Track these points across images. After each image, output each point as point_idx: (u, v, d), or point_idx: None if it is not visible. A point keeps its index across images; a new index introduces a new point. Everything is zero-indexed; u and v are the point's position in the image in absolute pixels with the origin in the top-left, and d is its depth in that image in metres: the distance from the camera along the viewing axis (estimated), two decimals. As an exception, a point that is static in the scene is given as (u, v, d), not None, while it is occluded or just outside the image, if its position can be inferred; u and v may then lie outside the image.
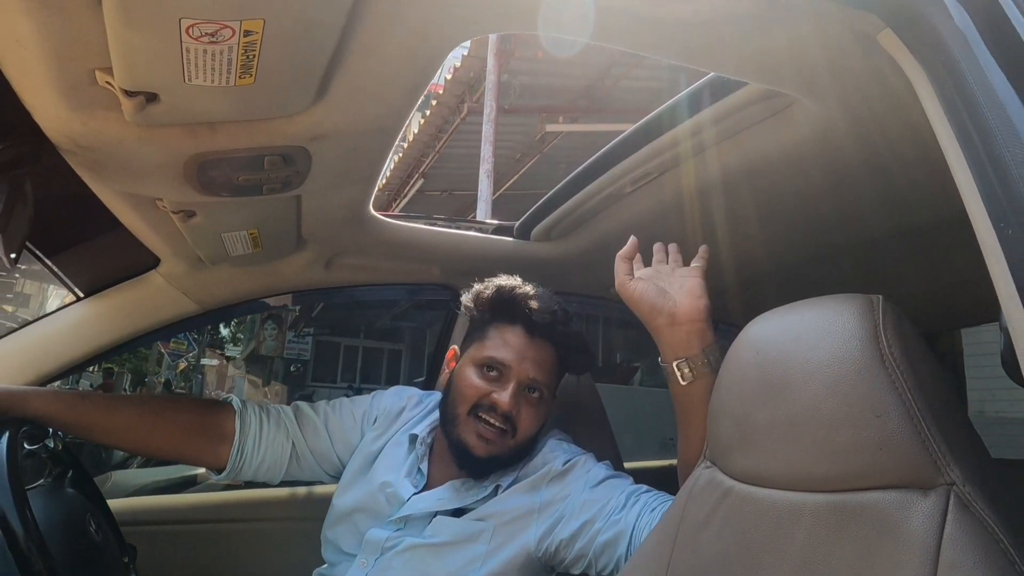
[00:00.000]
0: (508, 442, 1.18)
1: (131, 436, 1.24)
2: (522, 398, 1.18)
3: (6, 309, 7.17)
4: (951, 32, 0.52)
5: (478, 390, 1.18)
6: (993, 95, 0.47)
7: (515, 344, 1.19)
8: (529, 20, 0.67)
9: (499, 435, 1.17)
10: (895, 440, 0.60)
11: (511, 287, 1.23)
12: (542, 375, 1.19)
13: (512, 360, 1.18)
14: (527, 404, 1.18)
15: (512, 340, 1.20)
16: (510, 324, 1.21)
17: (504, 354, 1.18)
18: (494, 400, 1.16)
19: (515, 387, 1.17)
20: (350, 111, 0.86)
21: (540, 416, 1.21)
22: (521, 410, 1.18)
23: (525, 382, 1.18)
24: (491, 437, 1.16)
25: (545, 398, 1.21)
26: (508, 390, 1.16)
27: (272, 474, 1.30)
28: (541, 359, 1.20)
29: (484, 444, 1.16)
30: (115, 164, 0.92)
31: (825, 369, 0.66)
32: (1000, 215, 0.45)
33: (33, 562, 0.93)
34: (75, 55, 0.66)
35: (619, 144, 1.25)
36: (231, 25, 0.58)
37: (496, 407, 1.16)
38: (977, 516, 0.56)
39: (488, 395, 1.17)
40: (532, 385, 1.19)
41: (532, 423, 1.19)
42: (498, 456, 1.18)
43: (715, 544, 0.77)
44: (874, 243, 1.35)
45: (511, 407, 1.16)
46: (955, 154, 0.49)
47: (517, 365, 1.18)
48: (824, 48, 0.68)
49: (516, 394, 1.17)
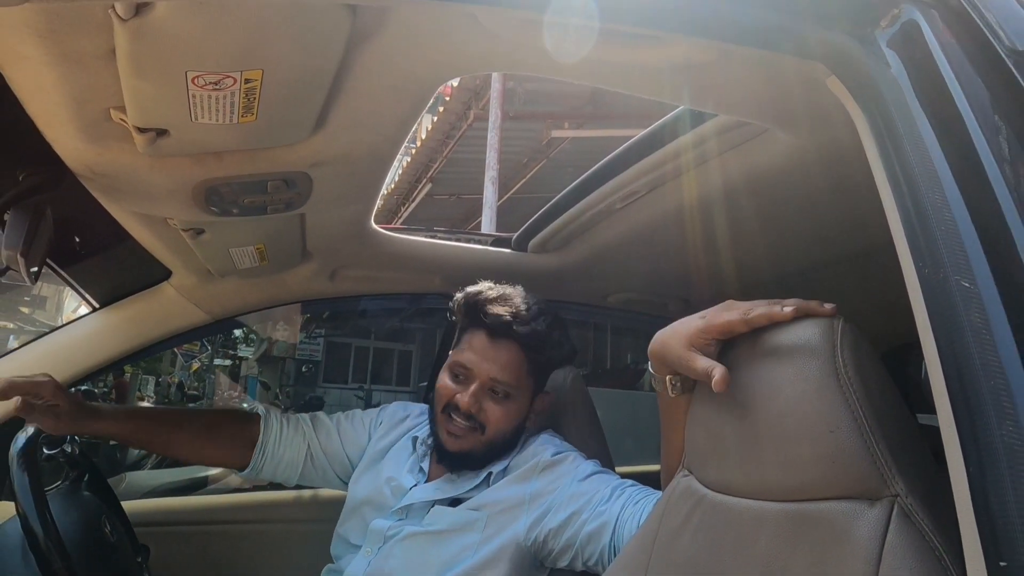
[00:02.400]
0: (479, 438, 1.25)
1: (183, 450, 1.42)
2: (486, 397, 1.25)
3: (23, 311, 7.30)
4: (888, 81, 0.56)
5: (447, 391, 1.27)
6: (920, 143, 0.52)
7: (478, 347, 1.27)
8: (507, 63, 0.72)
9: (467, 431, 1.25)
10: (846, 454, 0.65)
11: (475, 293, 1.30)
12: (505, 375, 1.25)
13: (473, 363, 1.26)
14: (492, 402, 1.26)
15: (476, 344, 1.27)
16: (475, 329, 1.29)
17: (466, 358, 1.26)
18: (456, 400, 1.25)
19: (477, 388, 1.25)
20: (347, 140, 0.92)
21: (511, 412, 1.27)
22: (485, 408, 1.25)
23: (487, 383, 1.25)
24: (459, 433, 1.25)
25: (514, 396, 1.27)
26: (469, 391, 1.24)
27: (289, 473, 1.42)
28: (505, 360, 1.26)
29: (453, 439, 1.26)
30: (128, 189, 0.98)
31: (787, 387, 0.71)
32: (919, 255, 0.49)
33: (52, 561, 0.99)
34: (92, 97, 0.72)
35: (611, 161, 1.30)
36: (232, 75, 0.64)
37: (459, 407, 1.25)
38: (917, 526, 0.60)
39: (454, 396, 1.26)
40: (494, 386, 1.25)
41: (501, 419, 1.26)
42: (469, 451, 1.26)
43: (689, 549, 0.82)
44: (866, 254, 1.38)
45: (469, 406, 1.24)
46: (886, 195, 0.54)
47: (478, 367, 1.25)
48: (785, 87, 0.73)
49: (478, 394, 1.24)
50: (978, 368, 0.44)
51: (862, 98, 0.58)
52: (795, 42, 0.60)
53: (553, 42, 0.66)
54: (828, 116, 0.76)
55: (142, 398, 7.84)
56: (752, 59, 0.67)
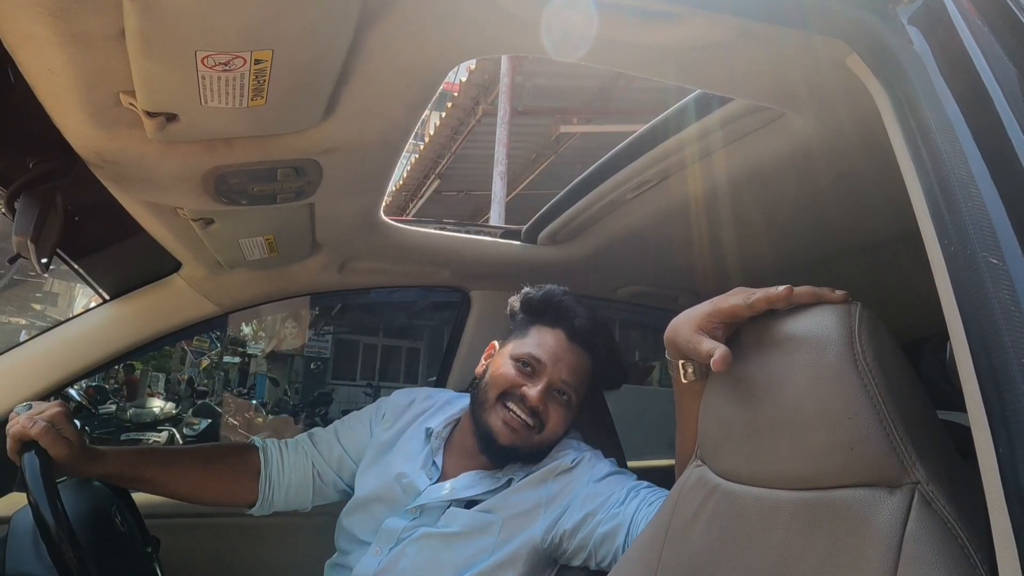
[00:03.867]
0: (533, 437, 1.23)
1: (184, 486, 1.34)
2: (551, 397, 1.23)
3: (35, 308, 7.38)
4: (910, 58, 0.55)
5: (510, 380, 1.23)
6: (945, 120, 0.50)
7: (553, 346, 1.25)
8: (520, 44, 0.72)
9: (524, 427, 1.22)
10: (865, 441, 0.64)
11: (561, 292, 1.30)
12: (574, 379, 1.24)
13: (548, 359, 1.23)
14: (556, 404, 1.23)
15: (551, 342, 1.25)
16: (552, 327, 1.27)
17: (541, 352, 1.24)
18: (524, 392, 1.22)
19: (546, 384, 1.22)
20: (357, 127, 0.91)
21: (567, 419, 1.26)
22: (549, 408, 1.23)
23: (556, 383, 1.23)
24: (515, 426, 1.22)
25: (573, 403, 1.26)
26: (539, 385, 1.21)
27: (301, 498, 1.39)
28: (576, 365, 1.25)
29: (508, 432, 1.22)
30: (138, 176, 0.98)
31: (803, 373, 0.70)
32: (944, 233, 0.48)
33: (63, 551, 0.99)
34: (101, 81, 0.71)
35: (621, 151, 1.29)
36: (242, 55, 0.63)
37: (525, 399, 1.21)
38: (939, 514, 0.59)
39: (519, 387, 1.23)
40: (563, 387, 1.24)
41: (559, 424, 1.24)
42: (519, 448, 1.23)
43: (703, 539, 0.81)
44: (877, 246, 1.36)
45: (539, 402, 1.21)
46: (909, 173, 0.53)
47: (552, 364, 1.23)
48: (803, 68, 0.72)
49: (546, 391, 1.22)
50: (1008, 347, 0.43)
51: (884, 76, 0.57)
52: (816, 18, 0.59)
53: (569, 22, 0.65)
54: (848, 97, 0.74)
55: (152, 394, 7.90)
56: (771, 37, 0.65)
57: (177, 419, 6.47)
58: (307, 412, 8.40)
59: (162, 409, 6.50)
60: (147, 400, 6.91)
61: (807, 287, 0.72)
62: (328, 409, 8.42)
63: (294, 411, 9.09)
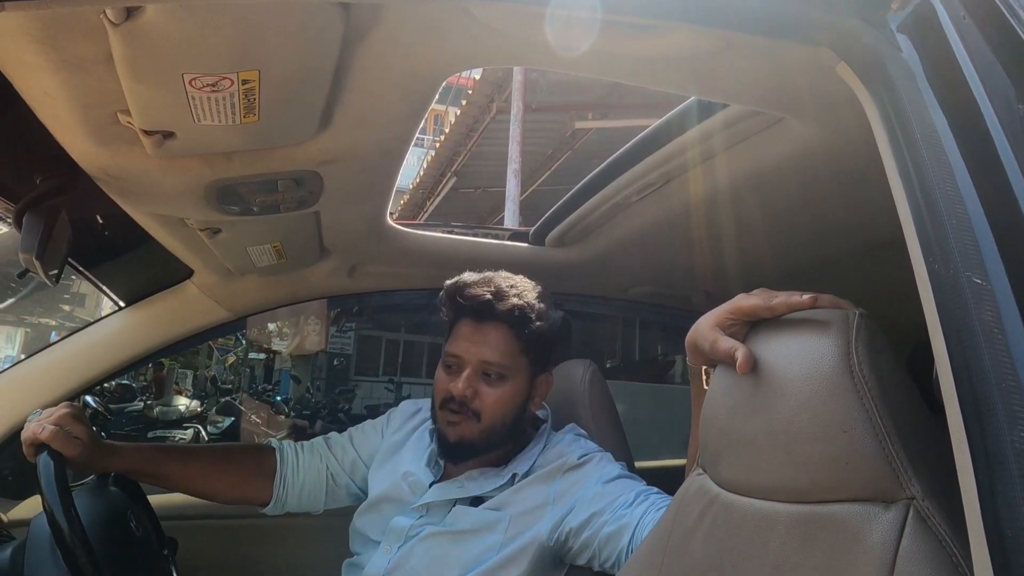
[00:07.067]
0: (475, 425, 1.23)
1: (201, 482, 1.37)
2: (480, 381, 1.23)
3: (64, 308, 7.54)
4: (898, 66, 0.53)
5: (441, 385, 1.25)
6: (932, 131, 0.49)
7: (465, 334, 1.24)
8: (509, 56, 0.71)
9: (462, 420, 1.22)
10: (860, 455, 0.62)
11: (452, 283, 1.28)
12: (496, 355, 1.22)
13: (461, 350, 1.23)
14: (487, 386, 1.22)
15: (463, 331, 1.25)
16: (459, 317, 1.27)
17: (456, 347, 1.24)
18: (450, 390, 1.23)
19: (469, 374, 1.22)
20: (354, 138, 0.92)
21: (507, 395, 1.23)
22: (480, 393, 1.22)
23: (479, 367, 1.22)
24: (454, 421, 1.23)
25: (509, 377, 1.23)
26: (460, 379, 1.22)
27: (314, 499, 1.41)
28: (492, 340, 1.23)
29: (451, 428, 1.23)
30: (142, 190, 1.00)
31: (800, 385, 0.68)
32: (929, 249, 0.47)
33: (77, 556, 1.01)
34: (97, 102, 0.73)
35: (625, 154, 1.28)
36: (229, 76, 0.64)
37: (453, 396, 1.22)
38: (934, 530, 0.58)
39: (448, 388, 1.23)
40: (486, 368, 1.23)
41: (495, 403, 1.22)
42: (469, 440, 1.23)
43: (702, 550, 0.80)
44: (880, 249, 1.34)
45: (461, 393, 1.21)
46: (896, 186, 0.51)
47: (466, 353, 1.23)
48: (797, 75, 0.70)
49: (471, 379, 1.22)
50: (988, 369, 0.42)
51: (872, 85, 0.56)
52: (801, 29, 0.58)
53: (553, 35, 0.65)
54: (846, 101, 0.73)
55: (180, 391, 8.03)
56: (757, 47, 0.64)
57: (203, 417, 6.56)
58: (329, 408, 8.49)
59: (187, 407, 6.60)
60: (174, 398, 7.02)
61: (830, 296, 0.70)
62: (351, 405, 8.50)
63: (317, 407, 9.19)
